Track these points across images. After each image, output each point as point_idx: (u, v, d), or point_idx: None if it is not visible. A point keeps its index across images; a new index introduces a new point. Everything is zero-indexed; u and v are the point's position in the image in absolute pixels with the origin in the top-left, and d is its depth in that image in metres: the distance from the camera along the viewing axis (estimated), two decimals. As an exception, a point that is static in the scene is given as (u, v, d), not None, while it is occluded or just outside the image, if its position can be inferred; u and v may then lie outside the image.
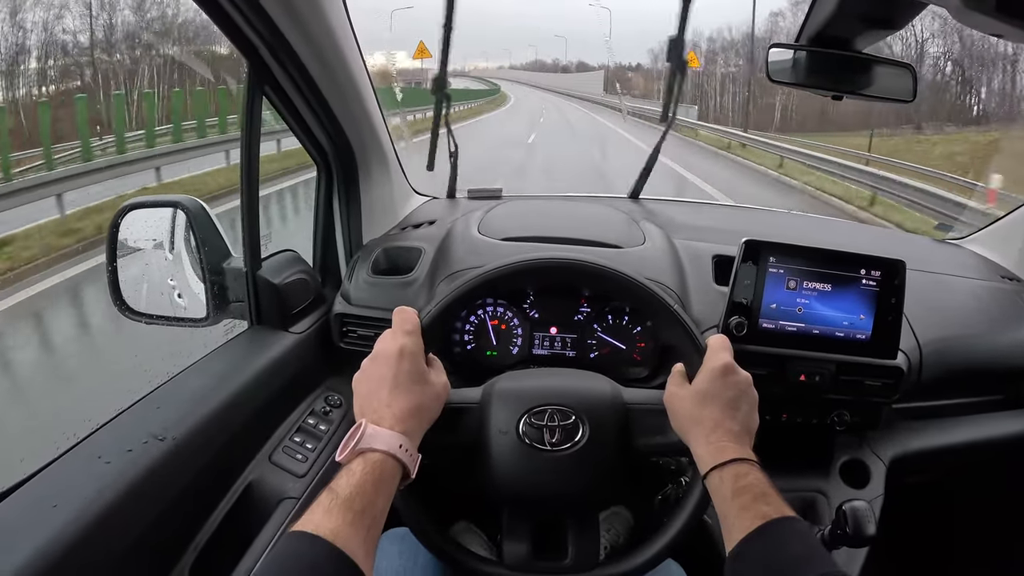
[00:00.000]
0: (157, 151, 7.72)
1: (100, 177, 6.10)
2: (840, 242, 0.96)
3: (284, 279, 0.97)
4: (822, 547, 0.58)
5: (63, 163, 6.91)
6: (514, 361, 1.04)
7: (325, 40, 0.88)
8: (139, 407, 0.78)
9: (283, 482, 0.86)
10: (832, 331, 0.93)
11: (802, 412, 1.00)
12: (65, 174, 5.88)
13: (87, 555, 0.59)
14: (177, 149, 7.97)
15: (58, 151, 7.43)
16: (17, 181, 5.68)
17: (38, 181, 5.60)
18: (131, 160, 7.00)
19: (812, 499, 1.01)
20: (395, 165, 1.27)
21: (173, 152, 7.85)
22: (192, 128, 9.37)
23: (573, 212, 1.33)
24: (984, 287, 1.22)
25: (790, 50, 0.95)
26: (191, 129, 9.33)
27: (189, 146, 8.15)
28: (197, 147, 8.12)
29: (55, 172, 6.07)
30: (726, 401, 0.67)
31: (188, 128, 9.34)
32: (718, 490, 0.62)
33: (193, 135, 9.07)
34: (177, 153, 7.79)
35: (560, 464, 0.70)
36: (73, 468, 0.67)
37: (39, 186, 5.44)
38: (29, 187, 5.38)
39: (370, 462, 0.58)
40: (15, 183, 5.56)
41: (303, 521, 0.53)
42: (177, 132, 8.98)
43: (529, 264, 0.76)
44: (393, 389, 0.64)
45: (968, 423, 1.13)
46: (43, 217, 5.25)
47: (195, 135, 9.07)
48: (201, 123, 9.45)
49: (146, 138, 8.41)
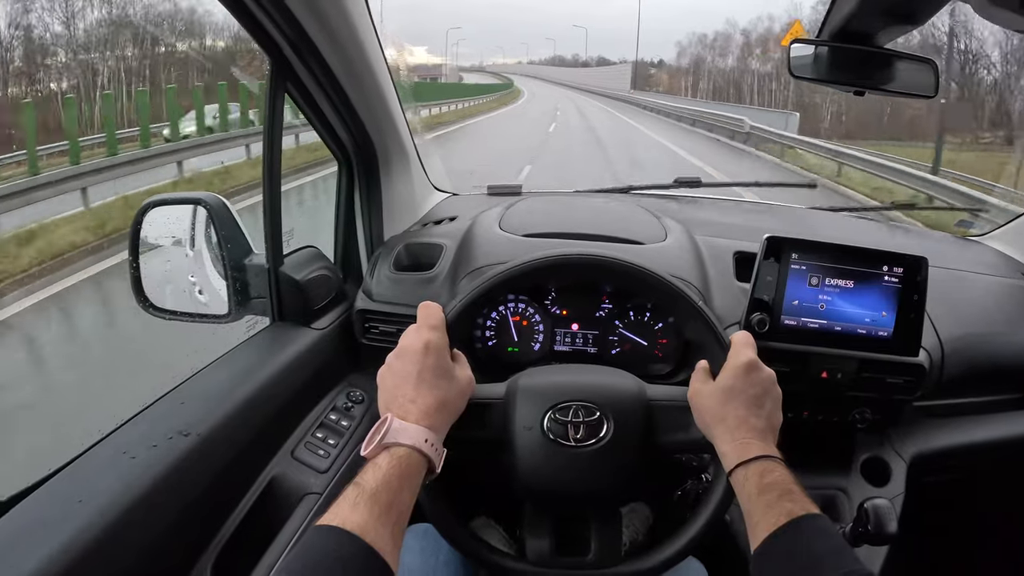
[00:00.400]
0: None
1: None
2: (861, 239, 0.96)
3: (306, 275, 0.97)
4: (847, 545, 0.57)
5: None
6: (536, 357, 1.04)
7: (347, 37, 0.88)
8: (163, 403, 0.78)
9: (306, 477, 0.86)
10: (854, 328, 0.93)
11: (823, 409, 1.00)
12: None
13: (112, 550, 0.60)
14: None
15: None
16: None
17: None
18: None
19: (833, 497, 1.01)
20: (415, 161, 1.27)
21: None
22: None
23: (594, 208, 1.33)
24: (1005, 284, 1.21)
25: (811, 46, 0.94)
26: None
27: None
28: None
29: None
30: (750, 398, 0.66)
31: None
32: (743, 487, 0.62)
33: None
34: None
35: (585, 460, 0.70)
36: (98, 463, 0.67)
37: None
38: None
39: (396, 456, 0.58)
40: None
41: (329, 515, 0.53)
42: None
43: (553, 260, 0.76)
44: (418, 384, 0.64)
45: (990, 421, 1.12)
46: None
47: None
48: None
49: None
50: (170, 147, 7.08)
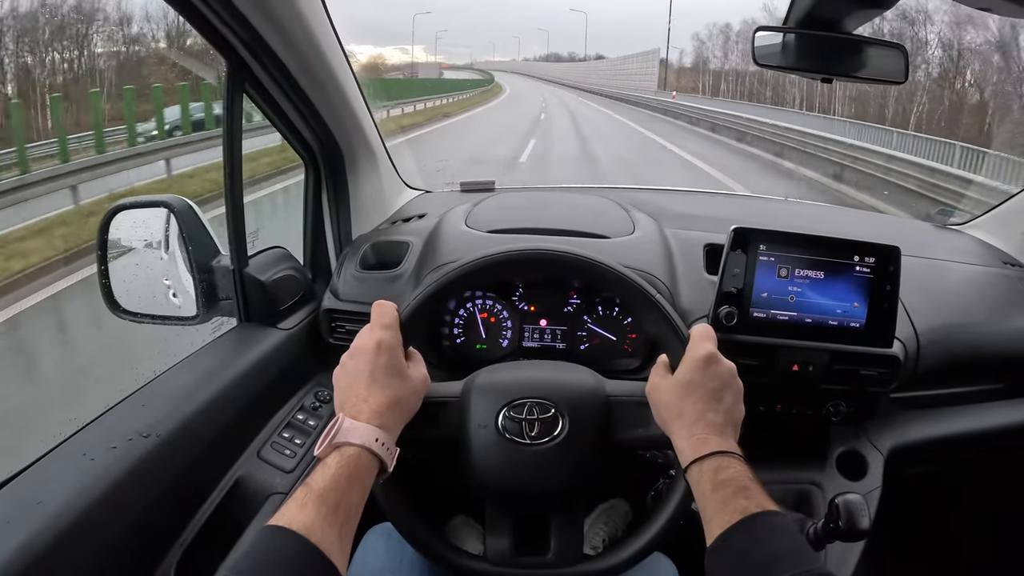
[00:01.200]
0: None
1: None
2: (835, 229, 0.94)
3: (271, 276, 0.97)
4: (804, 542, 0.56)
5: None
6: (504, 354, 1.04)
7: (302, 37, 0.87)
8: (125, 405, 0.78)
9: (271, 478, 0.86)
10: (825, 319, 0.91)
11: (796, 402, 0.98)
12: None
13: (72, 551, 0.60)
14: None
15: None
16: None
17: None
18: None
19: (807, 491, 0.99)
20: (384, 159, 1.27)
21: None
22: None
23: (563, 203, 1.32)
24: (985, 273, 1.19)
25: (778, 33, 0.93)
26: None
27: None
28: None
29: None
30: (708, 392, 0.65)
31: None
32: (698, 484, 0.61)
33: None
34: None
35: (540, 458, 0.69)
36: (58, 465, 0.67)
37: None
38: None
39: (345, 456, 0.58)
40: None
41: (278, 515, 0.53)
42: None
43: (505, 256, 0.75)
44: (370, 383, 0.64)
45: (969, 412, 1.10)
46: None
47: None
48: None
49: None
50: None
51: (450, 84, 31.21)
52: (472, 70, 66.33)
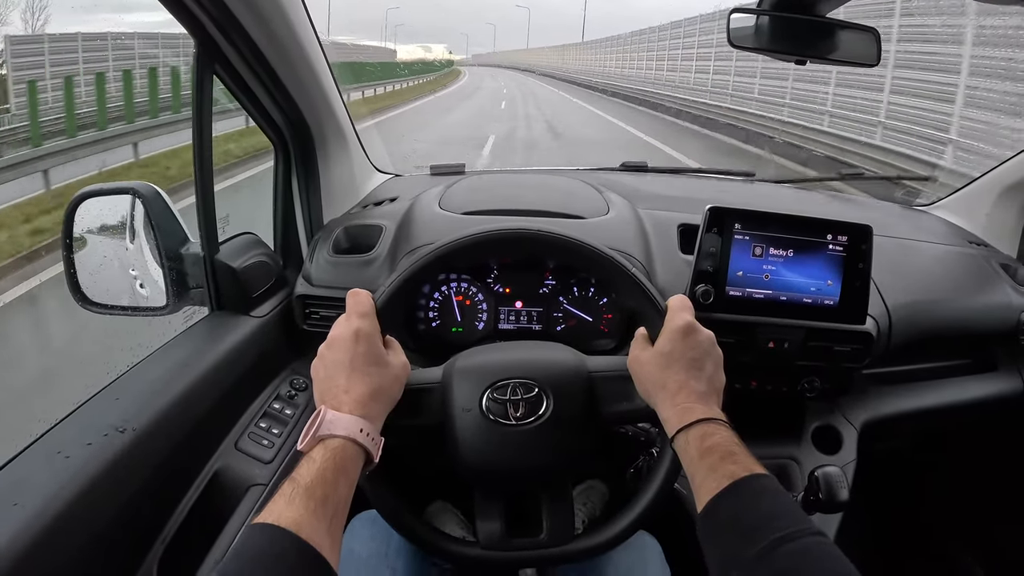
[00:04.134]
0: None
1: None
2: (807, 209, 0.96)
3: (243, 262, 0.95)
4: (795, 503, 0.56)
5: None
6: (480, 337, 1.03)
7: (275, 15, 0.85)
8: (98, 399, 0.76)
9: (250, 469, 0.85)
10: (800, 297, 0.93)
11: (772, 379, 1.00)
12: None
13: (51, 553, 0.58)
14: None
15: None
16: None
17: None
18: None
19: (785, 466, 1.02)
20: (355, 143, 1.25)
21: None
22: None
23: (536, 184, 1.32)
24: (952, 252, 1.23)
25: (752, 15, 0.94)
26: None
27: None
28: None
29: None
30: (689, 361, 0.66)
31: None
32: (685, 452, 0.62)
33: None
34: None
35: (527, 438, 0.69)
36: (33, 464, 0.65)
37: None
38: None
39: (330, 449, 0.57)
40: None
41: (265, 512, 0.52)
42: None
43: (481, 237, 0.74)
44: (350, 374, 0.63)
45: (938, 387, 1.14)
46: None
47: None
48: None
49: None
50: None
51: (407, 68, 30.13)
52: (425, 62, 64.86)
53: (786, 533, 0.51)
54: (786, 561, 0.50)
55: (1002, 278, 1.18)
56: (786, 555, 0.50)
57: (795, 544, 0.50)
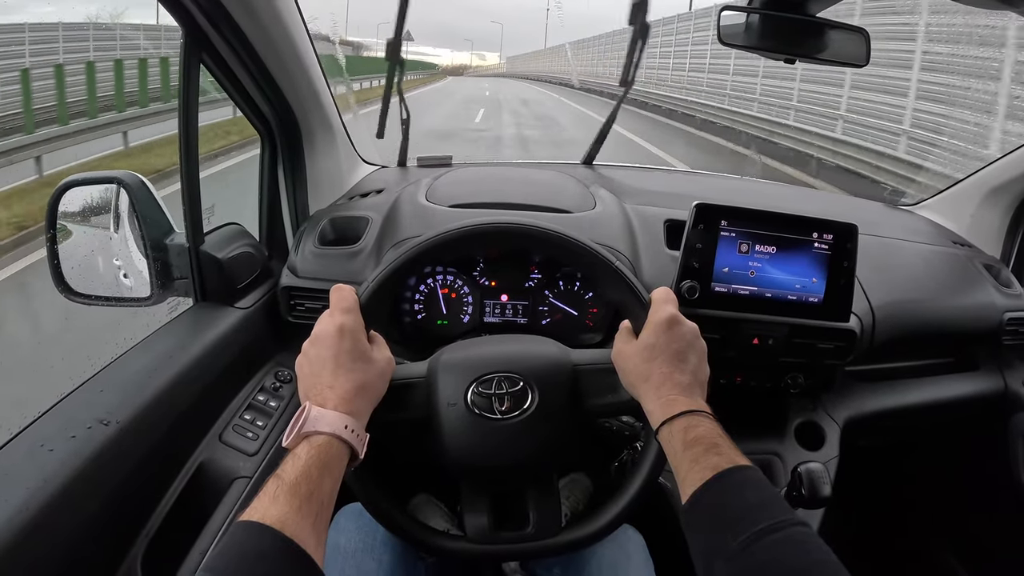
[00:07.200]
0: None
1: None
2: (793, 207, 0.96)
3: (228, 253, 0.94)
4: (779, 494, 0.57)
5: None
6: (465, 330, 1.03)
7: (263, 5, 0.84)
8: (82, 391, 0.75)
9: (234, 461, 0.84)
10: (785, 294, 0.94)
11: (756, 375, 1.01)
12: None
13: (35, 547, 0.58)
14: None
15: None
16: None
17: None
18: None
19: (768, 462, 1.03)
20: (341, 134, 1.24)
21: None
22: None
23: (523, 178, 1.31)
24: (936, 252, 1.24)
25: (743, 13, 0.94)
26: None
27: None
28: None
29: None
30: (673, 353, 0.66)
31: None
32: (669, 444, 0.62)
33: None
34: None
35: (512, 431, 0.69)
36: (16, 458, 0.64)
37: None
38: None
39: (315, 445, 0.57)
40: None
41: (250, 510, 0.52)
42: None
43: (467, 231, 0.73)
44: (335, 369, 0.63)
45: (920, 385, 1.15)
46: None
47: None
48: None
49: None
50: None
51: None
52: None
53: (770, 524, 0.51)
54: (770, 551, 0.50)
55: (985, 278, 1.19)
56: (770, 545, 0.50)
57: (779, 534, 0.51)
